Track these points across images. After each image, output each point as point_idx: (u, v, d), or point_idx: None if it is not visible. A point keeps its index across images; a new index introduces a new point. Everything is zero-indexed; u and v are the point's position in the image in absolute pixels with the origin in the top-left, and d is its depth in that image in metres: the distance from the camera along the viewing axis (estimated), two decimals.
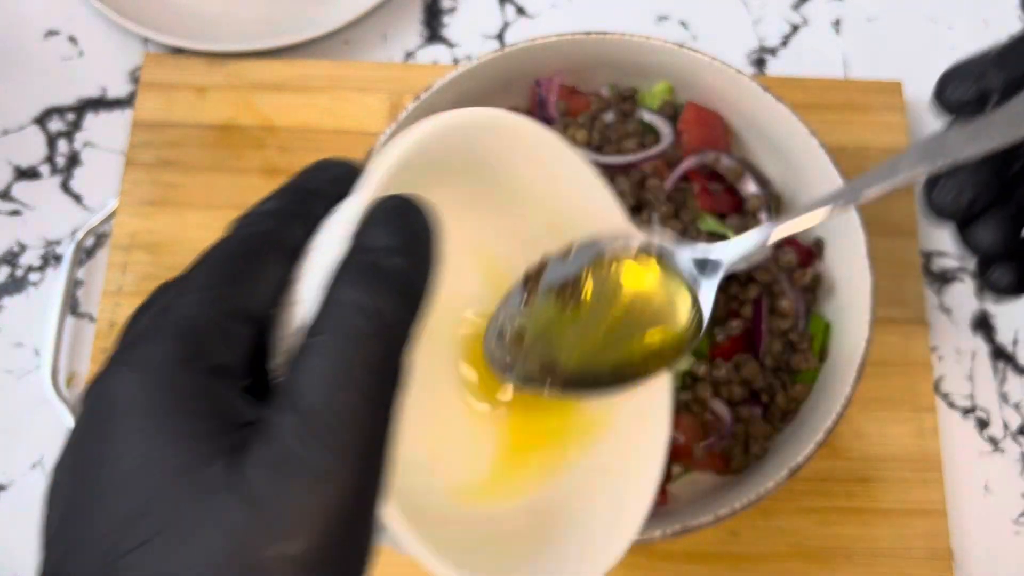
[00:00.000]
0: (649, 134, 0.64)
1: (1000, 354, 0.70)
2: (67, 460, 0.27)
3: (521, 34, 0.79)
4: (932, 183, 0.43)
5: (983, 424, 0.68)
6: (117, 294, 0.68)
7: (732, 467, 0.60)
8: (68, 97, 0.76)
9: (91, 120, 0.76)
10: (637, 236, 0.46)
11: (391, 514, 0.32)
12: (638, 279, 0.47)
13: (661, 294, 0.47)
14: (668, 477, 0.61)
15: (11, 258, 0.72)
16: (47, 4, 0.79)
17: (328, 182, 0.34)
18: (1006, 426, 0.68)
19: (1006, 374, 0.70)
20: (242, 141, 0.72)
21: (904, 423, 0.66)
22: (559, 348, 0.45)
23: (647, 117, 0.65)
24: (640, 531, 0.54)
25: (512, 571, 0.40)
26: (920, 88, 0.77)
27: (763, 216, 0.62)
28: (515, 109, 0.67)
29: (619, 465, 0.45)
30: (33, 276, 0.71)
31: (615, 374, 0.45)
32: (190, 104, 0.73)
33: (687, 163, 0.62)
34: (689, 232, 0.60)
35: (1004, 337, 0.71)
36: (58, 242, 0.72)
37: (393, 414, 0.28)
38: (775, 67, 0.79)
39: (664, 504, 0.61)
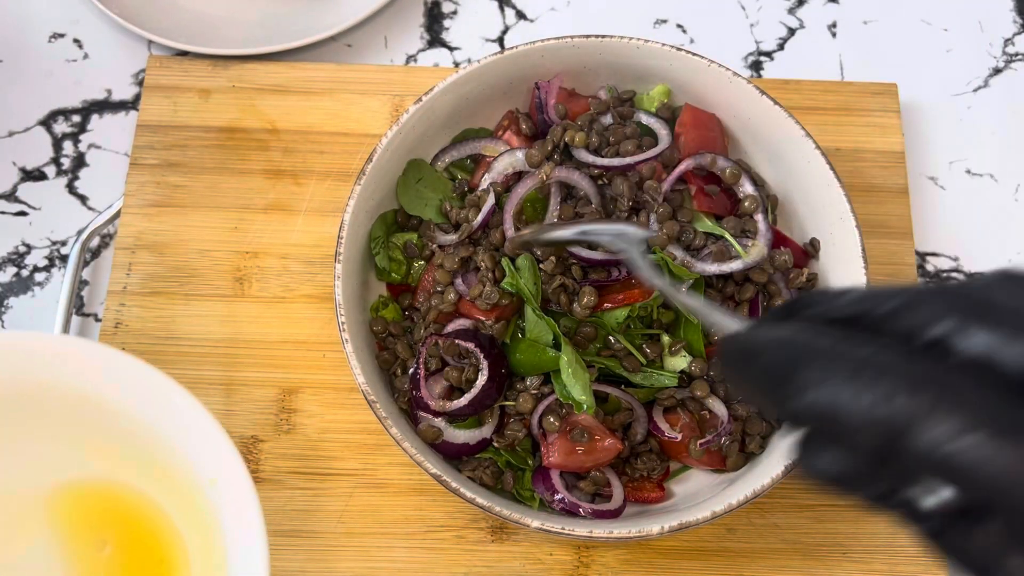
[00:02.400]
0: (647, 136, 0.65)
1: None
2: None
3: (521, 37, 0.80)
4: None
5: None
6: (122, 294, 0.69)
7: (729, 465, 0.61)
8: (73, 99, 0.77)
9: (96, 122, 0.76)
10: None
11: None
12: None
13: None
14: (666, 474, 0.62)
15: (17, 258, 0.73)
16: (52, 7, 0.80)
17: None
18: None
19: None
20: (246, 143, 0.73)
21: None
22: None
23: (645, 119, 0.65)
24: (639, 528, 0.55)
25: None
26: (915, 90, 0.78)
27: (759, 217, 0.63)
28: (515, 111, 0.68)
29: None
30: (39, 276, 0.72)
31: None
32: (194, 106, 0.74)
33: (684, 165, 0.63)
34: (686, 233, 0.61)
35: None
36: (64, 243, 0.73)
37: None
38: (772, 70, 0.79)
39: (662, 501, 0.62)
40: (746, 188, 0.63)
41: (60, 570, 0.55)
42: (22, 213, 0.74)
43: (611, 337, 0.60)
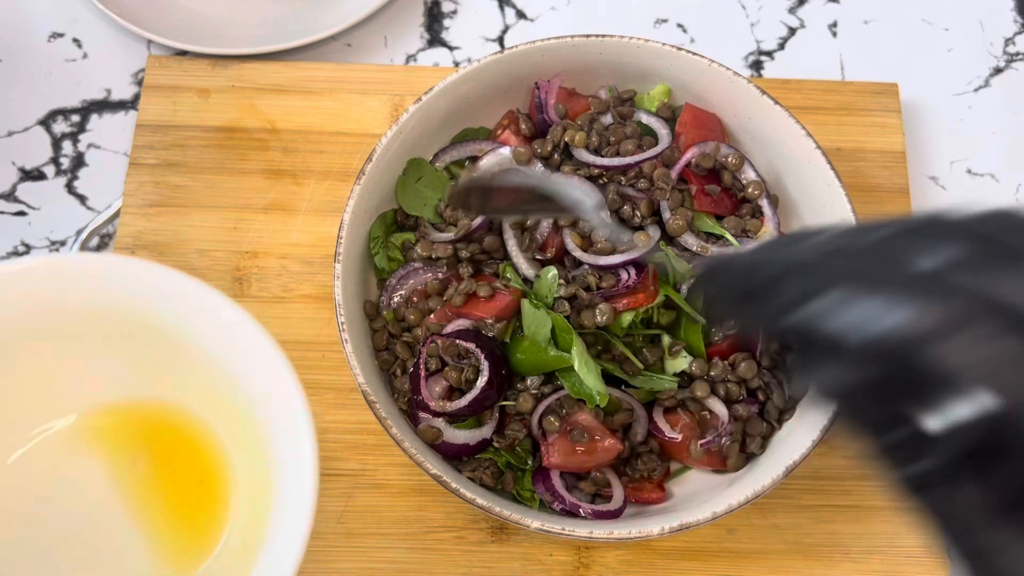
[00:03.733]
0: (647, 136, 0.65)
1: None
2: None
3: (521, 37, 0.80)
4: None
5: None
6: None
7: (729, 465, 0.60)
8: (73, 99, 0.77)
9: (95, 122, 0.76)
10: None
11: None
12: None
13: None
14: (666, 475, 0.62)
15: (16, 258, 0.72)
16: (52, 7, 0.80)
17: None
18: None
19: None
20: (245, 143, 0.73)
21: None
22: None
23: (645, 119, 0.65)
24: (639, 528, 0.55)
25: None
26: (916, 90, 0.78)
27: (764, 202, 0.63)
28: (515, 111, 0.68)
29: None
30: None
31: None
32: (194, 106, 0.74)
33: (688, 155, 0.63)
34: (690, 231, 0.61)
35: None
36: (63, 243, 0.73)
37: None
38: (772, 70, 0.79)
39: (662, 501, 0.62)
40: (749, 175, 0.63)
41: (106, 484, 0.55)
42: (21, 213, 0.74)
43: (610, 340, 0.60)
